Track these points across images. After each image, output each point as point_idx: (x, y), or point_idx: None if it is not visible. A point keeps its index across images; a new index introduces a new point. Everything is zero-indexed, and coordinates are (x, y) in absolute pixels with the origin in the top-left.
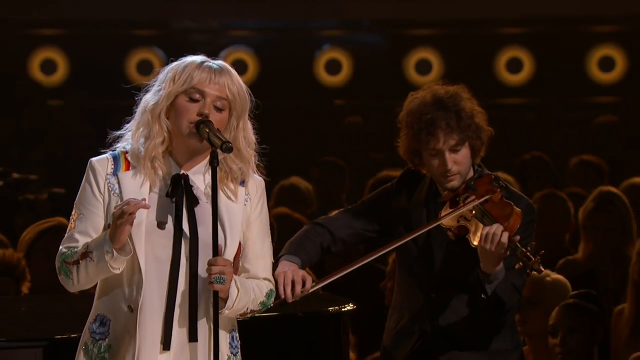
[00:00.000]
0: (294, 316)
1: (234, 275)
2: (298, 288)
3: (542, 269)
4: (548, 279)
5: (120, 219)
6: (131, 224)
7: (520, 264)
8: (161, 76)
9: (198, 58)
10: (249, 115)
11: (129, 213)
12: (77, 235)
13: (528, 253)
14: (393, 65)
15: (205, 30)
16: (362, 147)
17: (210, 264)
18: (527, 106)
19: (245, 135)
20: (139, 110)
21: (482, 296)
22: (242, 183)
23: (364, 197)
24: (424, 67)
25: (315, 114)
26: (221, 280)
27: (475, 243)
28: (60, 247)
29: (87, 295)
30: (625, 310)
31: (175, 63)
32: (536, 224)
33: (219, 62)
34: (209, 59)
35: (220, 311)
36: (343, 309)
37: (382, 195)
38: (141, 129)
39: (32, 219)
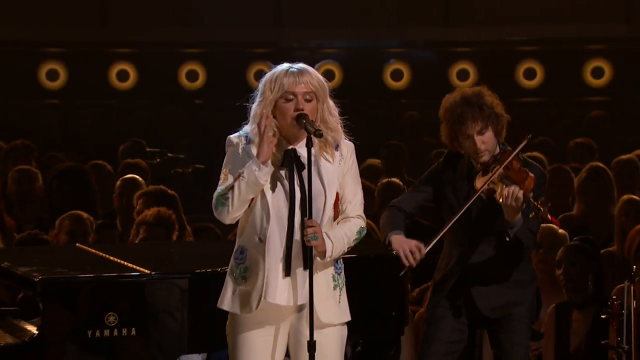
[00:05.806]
0: (367, 257)
1: (325, 232)
2: (417, 255)
3: (550, 217)
4: (560, 231)
5: (262, 136)
6: (271, 138)
7: (533, 213)
8: (260, 87)
9: (284, 66)
10: (329, 96)
11: (264, 126)
12: (230, 181)
13: (538, 205)
14: (441, 74)
15: (305, 48)
16: (418, 133)
17: (307, 225)
18: (539, 104)
19: (330, 111)
20: (252, 115)
21: (507, 239)
22: (337, 148)
23: (420, 177)
24: (463, 75)
25: (384, 110)
26: (315, 238)
27: (500, 200)
28: (215, 192)
29: (218, 242)
30: (614, 251)
31: (268, 75)
32: (547, 186)
33: (298, 65)
34: (291, 65)
35: (323, 260)
36: None
37: (433, 173)
38: (256, 129)
39: (180, 186)
